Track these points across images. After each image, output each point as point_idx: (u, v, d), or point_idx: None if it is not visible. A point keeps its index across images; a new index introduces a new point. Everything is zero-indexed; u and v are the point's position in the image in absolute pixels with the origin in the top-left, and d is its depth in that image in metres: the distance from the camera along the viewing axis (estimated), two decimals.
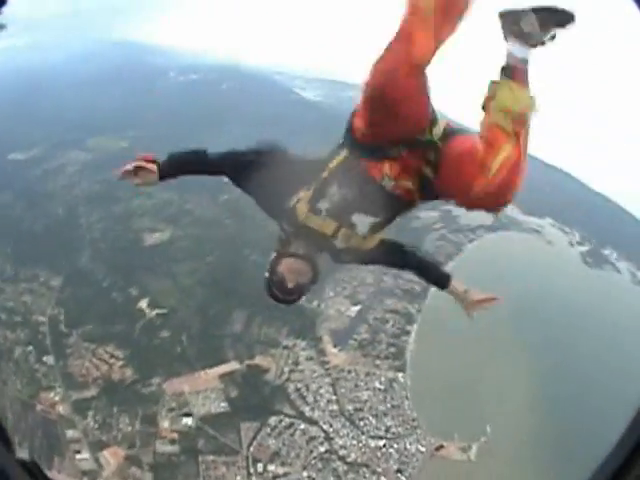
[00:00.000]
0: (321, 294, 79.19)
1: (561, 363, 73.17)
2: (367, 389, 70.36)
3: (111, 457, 61.41)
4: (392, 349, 75.08)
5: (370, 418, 67.69)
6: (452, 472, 63.20)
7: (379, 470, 63.71)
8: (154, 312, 73.23)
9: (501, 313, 78.36)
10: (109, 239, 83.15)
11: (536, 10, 4.31)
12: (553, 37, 4.47)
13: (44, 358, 68.12)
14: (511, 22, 4.38)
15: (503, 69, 4.47)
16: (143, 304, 73.94)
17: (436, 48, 4.27)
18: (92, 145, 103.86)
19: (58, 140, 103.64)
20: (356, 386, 70.41)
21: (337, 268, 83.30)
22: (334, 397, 68.99)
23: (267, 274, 5.46)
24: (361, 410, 68.31)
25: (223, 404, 66.45)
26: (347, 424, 67.00)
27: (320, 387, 69.62)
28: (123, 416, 64.31)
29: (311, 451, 64.60)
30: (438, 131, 4.86)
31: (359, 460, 64.32)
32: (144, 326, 71.80)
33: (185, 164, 5.75)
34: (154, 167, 5.38)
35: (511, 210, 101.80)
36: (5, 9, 3.86)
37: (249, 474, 62.28)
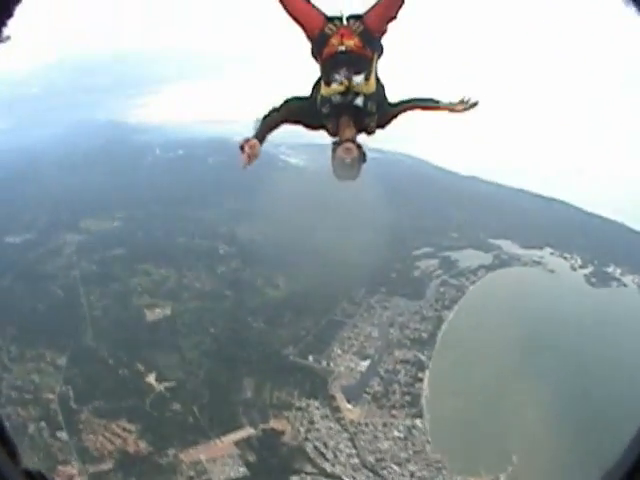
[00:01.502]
0: (329, 353, 79.57)
1: (577, 385, 73.16)
2: (387, 439, 69.84)
3: None
4: (407, 397, 74.81)
5: (393, 466, 67.10)
6: None
7: None
8: (163, 386, 72.76)
9: (513, 346, 78.55)
10: (111, 317, 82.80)
11: None
12: None
13: (58, 434, 67.41)
14: None
15: None
16: (151, 379, 73.52)
17: None
18: (85, 226, 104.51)
19: (51, 222, 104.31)
20: (375, 437, 69.84)
21: (342, 326, 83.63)
22: (354, 451, 68.22)
23: (332, 166, 7.03)
24: (383, 460, 67.65)
25: (242, 469, 65.35)
26: (370, 475, 66.22)
27: (339, 443, 68.88)
28: None
29: None
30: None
31: None
32: (154, 399, 71.31)
33: (265, 129, 7.06)
34: (255, 142, 6.74)
35: (510, 246, 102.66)
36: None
37: None
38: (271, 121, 7.11)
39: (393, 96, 6.92)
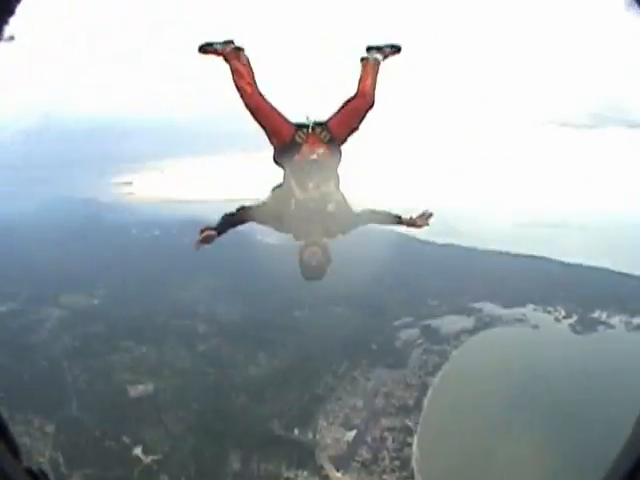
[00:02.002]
0: (315, 426, 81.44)
1: (568, 435, 74.79)
2: None
3: None
4: (396, 462, 76.26)
5: None
6: None
7: None
8: (149, 458, 73.95)
9: (501, 404, 79.71)
10: (94, 390, 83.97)
11: None
12: None
13: None
14: None
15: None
16: (138, 451, 74.79)
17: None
18: (65, 302, 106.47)
19: (33, 295, 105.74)
20: None
21: (326, 400, 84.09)
22: None
23: (299, 267, 7.34)
24: None
25: None
26: None
27: None
28: None
29: None
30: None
31: None
32: (142, 471, 72.31)
33: (225, 225, 7.75)
34: (213, 234, 7.48)
35: (492, 308, 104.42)
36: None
37: None
38: (233, 219, 7.76)
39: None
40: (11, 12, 3.51)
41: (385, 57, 8.20)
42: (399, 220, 8.14)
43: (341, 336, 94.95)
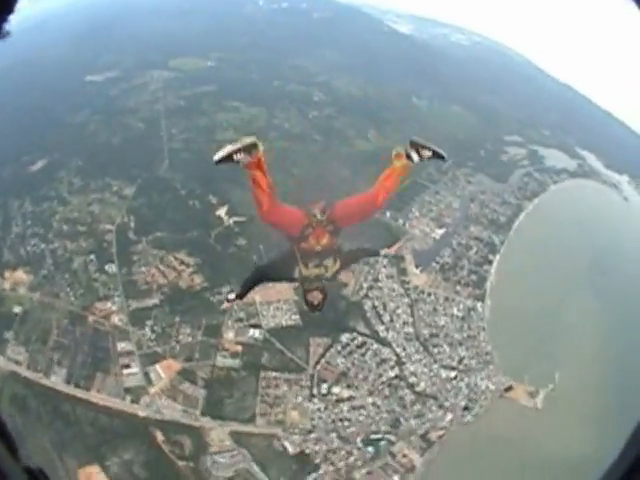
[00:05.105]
0: (407, 213, 77.28)
1: (631, 314, 67.85)
2: (445, 315, 67.66)
3: (163, 371, 59.89)
4: (473, 277, 72.23)
5: (444, 346, 65.24)
6: (518, 417, 60.51)
7: (447, 405, 61.32)
8: (232, 220, 71.42)
9: (578, 259, 74.74)
10: (191, 150, 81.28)
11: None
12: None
13: (106, 267, 66.88)
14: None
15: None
16: (222, 212, 72.20)
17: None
18: (175, 65, 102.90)
19: (137, 62, 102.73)
20: (434, 310, 67.75)
21: (425, 189, 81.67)
22: (411, 319, 66.28)
23: (304, 304, 10.09)
24: (436, 336, 65.70)
25: (295, 317, 63.75)
26: (420, 349, 64.42)
27: (398, 307, 66.85)
28: (185, 326, 62.64)
29: (380, 375, 62.22)
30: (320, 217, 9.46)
31: (428, 391, 61.88)
32: (220, 233, 70.33)
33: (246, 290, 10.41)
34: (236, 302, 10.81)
35: (594, 161, 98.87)
36: None
37: (312, 395, 60.20)
38: (252, 282, 10.13)
39: None
40: (10, 11, 3.92)
41: (421, 160, 9.33)
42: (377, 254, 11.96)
43: (453, 133, 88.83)
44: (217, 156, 8.50)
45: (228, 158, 8.47)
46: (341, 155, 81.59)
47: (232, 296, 10.66)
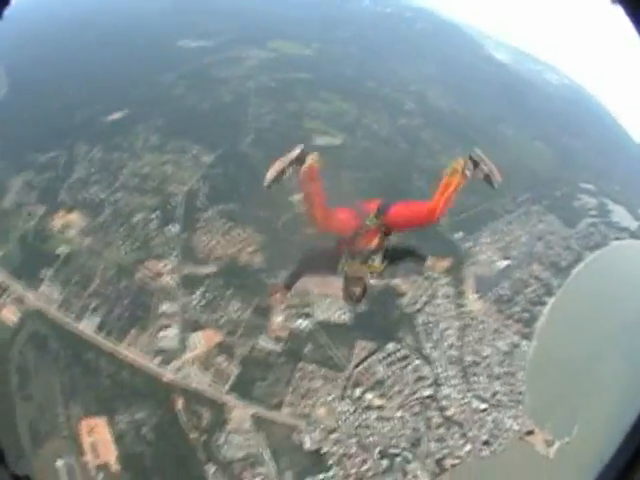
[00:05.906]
0: (477, 237, 77.44)
1: None
2: (491, 345, 67.48)
3: (203, 340, 59.78)
4: (525, 314, 71.76)
5: (483, 377, 64.91)
6: (529, 462, 59.65)
7: (469, 435, 60.89)
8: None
9: (623, 319, 73.86)
10: (276, 131, 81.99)
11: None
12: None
13: (167, 227, 67.10)
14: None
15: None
16: (295, 197, 70.41)
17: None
18: (273, 46, 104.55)
19: (236, 36, 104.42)
20: (481, 339, 67.64)
21: (499, 217, 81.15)
22: (458, 343, 66.39)
23: (343, 294, 10.02)
24: (478, 365, 65.50)
25: (346, 316, 63.94)
26: (459, 375, 64.26)
27: (448, 328, 67.02)
28: (235, 300, 62.62)
29: (414, 392, 62.08)
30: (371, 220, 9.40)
31: (455, 417, 61.58)
32: (290, 219, 70.20)
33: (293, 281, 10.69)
34: (285, 291, 10.78)
35: None
36: None
37: (343, 396, 60.03)
38: (297, 275, 10.58)
39: None
40: (6, 2, 3.85)
41: (473, 176, 8.99)
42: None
43: (533, 168, 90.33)
44: (268, 177, 8.01)
45: (280, 175, 7.98)
46: (423, 166, 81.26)
47: (282, 290, 11.00)
